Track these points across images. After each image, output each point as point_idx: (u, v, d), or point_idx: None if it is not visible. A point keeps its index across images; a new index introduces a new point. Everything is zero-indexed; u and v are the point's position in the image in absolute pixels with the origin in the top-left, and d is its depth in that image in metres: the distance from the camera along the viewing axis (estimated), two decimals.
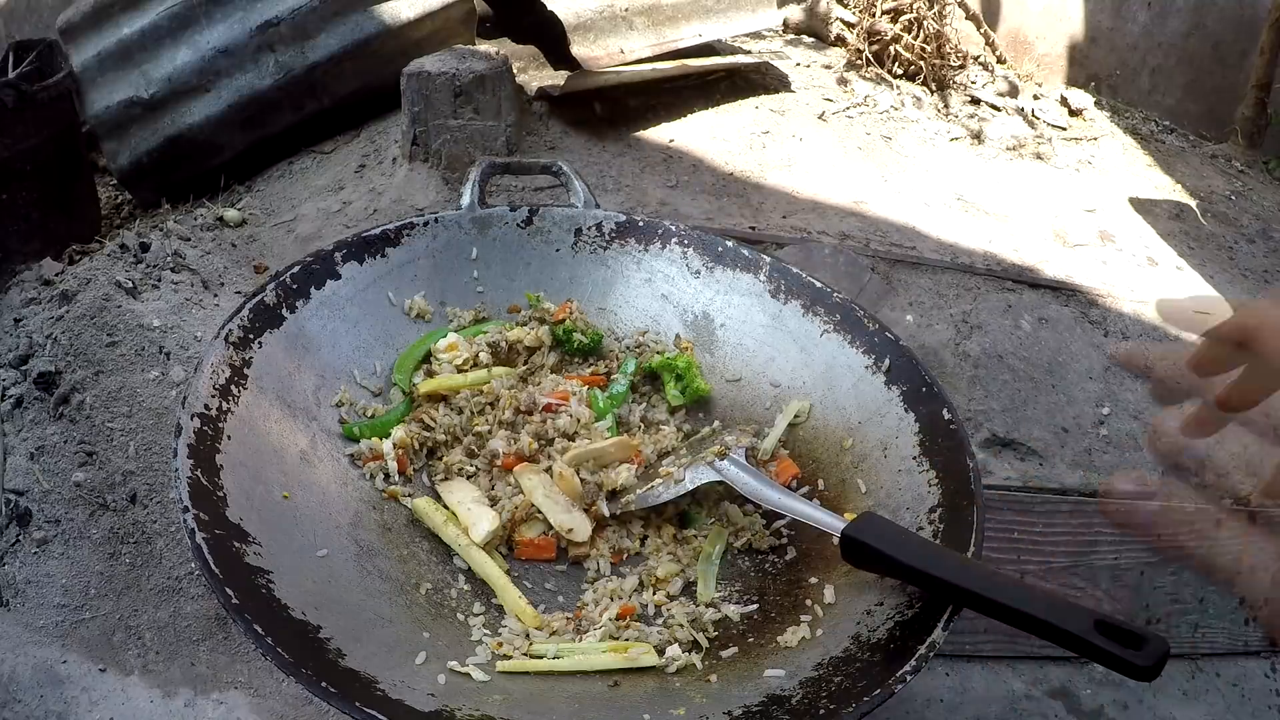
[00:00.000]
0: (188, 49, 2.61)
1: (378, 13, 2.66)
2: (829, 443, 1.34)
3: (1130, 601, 1.93)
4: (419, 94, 2.41)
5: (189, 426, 1.08)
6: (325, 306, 1.34)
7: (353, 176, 2.57)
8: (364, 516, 1.20)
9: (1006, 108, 3.34)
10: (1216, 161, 3.41)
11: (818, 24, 3.58)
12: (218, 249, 2.28)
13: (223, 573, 0.96)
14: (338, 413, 1.30)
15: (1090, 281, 2.51)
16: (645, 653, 1.09)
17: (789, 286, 1.45)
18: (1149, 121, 3.64)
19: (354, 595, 1.08)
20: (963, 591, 0.98)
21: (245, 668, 1.67)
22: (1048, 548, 1.88)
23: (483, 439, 1.34)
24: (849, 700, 0.94)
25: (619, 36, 2.70)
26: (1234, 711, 1.92)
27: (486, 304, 1.50)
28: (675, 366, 1.44)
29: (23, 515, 1.74)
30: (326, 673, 0.92)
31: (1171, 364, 0.75)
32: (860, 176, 2.74)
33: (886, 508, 1.20)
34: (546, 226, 1.52)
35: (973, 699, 1.81)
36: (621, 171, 2.56)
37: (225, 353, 1.19)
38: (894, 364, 1.32)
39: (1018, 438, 2.11)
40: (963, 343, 2.23)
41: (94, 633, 1.67)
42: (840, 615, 1.10)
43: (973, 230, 2.60)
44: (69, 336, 1.88)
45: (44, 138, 2.39)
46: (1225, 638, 2.00)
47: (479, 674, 1.03)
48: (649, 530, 1.29)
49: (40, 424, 1.82)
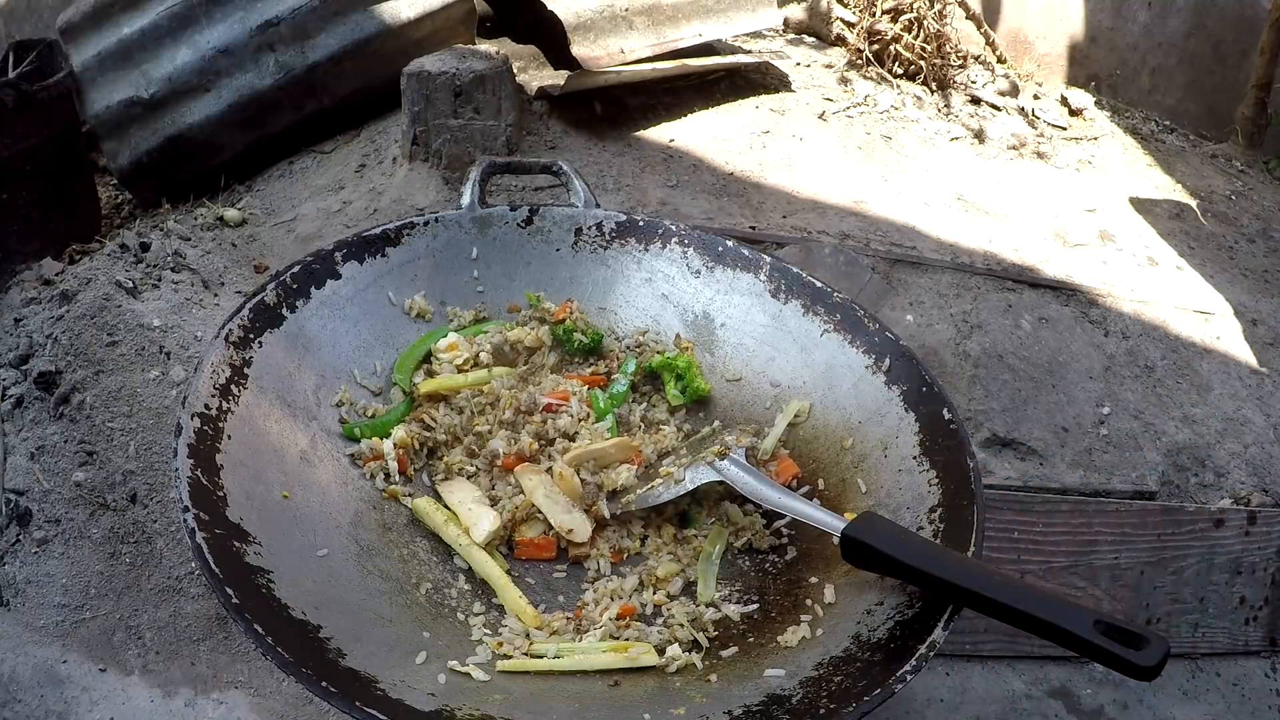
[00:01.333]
0: (188, 49, 2.61)
1: (378, 12, 2.66)
2: (829, 442, 1.34)
3: (1130, 601, 1.93)
4: (419, 94, 2.41)
5: (189, 426, 1.08)
6: (325, 306, 1.35)
7: (353, 176, 2.57)
8: (364, 516, 1.20)
9: (1007, 107, 3.34)
10: (1217, 161, 3.41)
11: (818, 24, 3.58)
12: (218, 249, 2.28)
13: (223, 572, 0.96)
14: (338, 412, 1.30)
15: (1090, 281, 2.51)
16: (645, 652, 1.09)
17: (789, 286, 1.45)
18: (1149, 121, 3.64)
19: (354, 595, 1.08)
20: (963, 591, 0.98)
21: (245, 667, 1.67)
22: (1048, 547, 1.88)
23: (483, 439, 1.34)
24: (849, 700, 0.94)
25: (619, 36, 2.70)
26: (1234, 711, 1.92)
27: (487, 304, 1.50)
28: (675, 366, 1.44)
29: (23, 515, 1.74)
30: (327, 672, 0.92)
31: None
32: (860, 176, 2.74)
33: (887, 507, 1.20)
34: (547, 226, 1.52)
35: (973, 699, 1.81)
36: (622, 171, 2.56)
37: (225, 352, 1.19)
38: (894, 364, 1.32)
39: (1018, 437, 2.12)
40: (963, 342, 2.23)
41: (94, 632, 1.67)
42: (840, 615, 1.11)
43: (973, 230, 2.60)
44: (69, 336, 1.88)
45: (44, 138, 2.39)
46: (1225, 638, 2.00)
47: (479, 673, 1.03)
48: (649, 530, 1.29)
49: (40, 424, 1.82)
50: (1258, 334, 2.53)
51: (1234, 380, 2.38)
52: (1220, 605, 1.99)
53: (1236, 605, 2.00)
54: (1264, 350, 2.50)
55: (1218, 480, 2.16)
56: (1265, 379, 2.41)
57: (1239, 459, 2.21)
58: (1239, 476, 2.18)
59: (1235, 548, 2.00)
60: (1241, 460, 2.21)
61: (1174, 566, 1.95)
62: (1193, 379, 2.35)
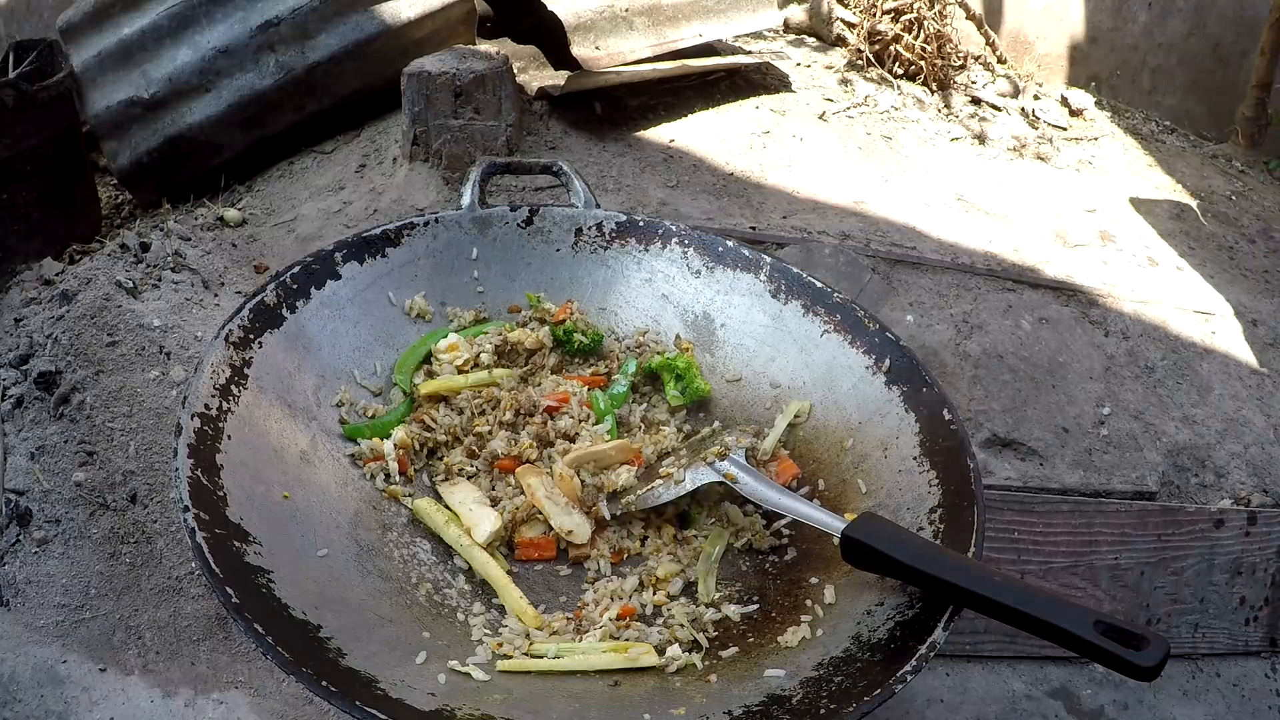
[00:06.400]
0: (188, 49, 2.61)
1: (378, 12, 2.66)
2: (829, 443, 1.34)
3: (1130, 602, 1.93)
4: (419, 94, 2.41)
5: (189, 426, 1.09)
6: (325, 306, 1.35)
7: (353, 176, 2.57)
8: (364, 516, 1.20)
9: (1007, 108, 3.34)
10: (1217, 161, 3.41)
11: (819, 24, 3.58)
12: (218, 249, 2.28)
13: (223, 572, 0.96)
14: (338, 413, 1.30)
15: (1091, 281, 2.51)
16: (645, 652, 1.09)
17: (789, 286, 1.45)
18: (1149, 121, 3.64)
19: (354, 595, 1.08)
20: (963, 592, 0.98)
21: (246, 667, 1.67)
22: (1048, 548, 1.88)
23: (483, 440, 1.34)
24: (849, 700, 0.94)
25: (619, 37, 2.70)
26: (1234, 712, 1.92)
27: (487, 304, 1.50)
28: (675, 367, 1.44)
29: (23, 515, 1.74)
30: (327, 672, 0.92)
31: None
32: (861, 176, 2.74)
33: (887, 508, 1.20)
34: (547, 226, 1.52)
35: (973, 699, 1.81)
36: (622, 171, 2.56)
37: (225, 352, 1.19)
38: (894, 364, 1.32)
39: (1018, 438, 2.12)
40: (963, 343, 2.23)
41: (94, 632, 1.67)
42: (840, 615, 1.11)
43: (973, 230, 2.60)
44: (69, 336, 1.88)
45: (44, 138, 2.39)
46: (1225, 638, 2.00)
47: (479, 673, 1.03)
48: (649, 530, 1.29)
49: (40, 424, 1.82)
50: (1258, 334, 2.53)
51: (1234, 380, 2.38)
52: (1220, 606, 1.99)
53: (1237, 606, 2.01)
54: (1264, 350, 2.50)
55: (1218, 481, 2.16)
56: (1265, 379, 2.41)
57: (1239, 459, 2.21)
58: (1239, 477, 2.18)
59: (1235, 548, 2.00)
60: (1242, 461, 2.21)
61: (1174, 567, 1.95)
62: (1193, 379, 2.35)
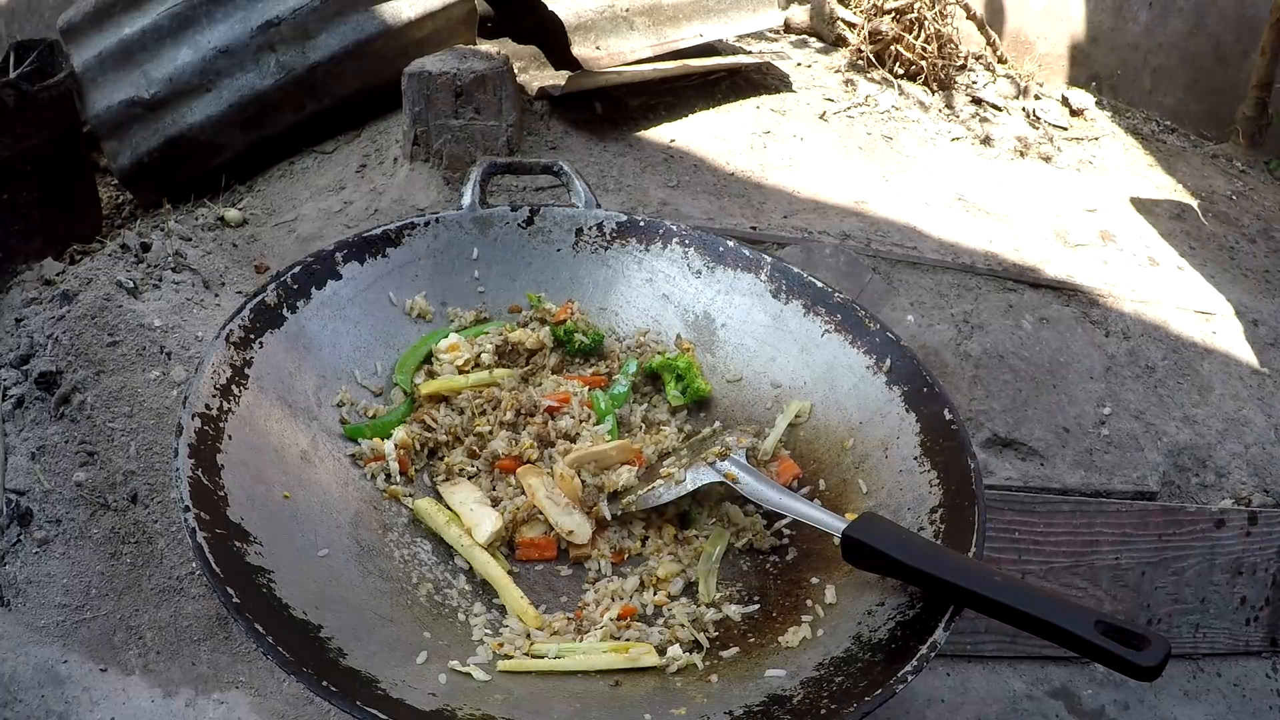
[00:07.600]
0: (189, 49, 2.61)
1: (379, 13, 2.66)
2: (830, 443, 1.34)
3: (1131, 601, 1.93)
4: (420, 94, 2.41)
5: (190, 426, 1.09)
6: (326, 306, 1.35)
7: (354, 176, 2.57)
8: (365, 516, 1.20)
9: (1008, 108, 3.34)
10: (1217, 161, 3.41)
11: (820, 24, 3.58)
12: (219, 249, 2.28)
13: (224, 572, 0.96)
14: (339, 413, 1.30)
15: (1091, 281, 2.51)
16: (646, 653, 1.09)
17: (790, 286, 1.45)
18: (1150, 121, 3.64)
19: (355, 595, 1.08)
20: (964, 592, 0.98)
21: (246, 667, 1.67)
22: (1049, 548, 1.88)
23: (484, 440, 1.34)
24: (850, 700, 0.94)
25: (620, 36, 2.70)
26: (1235, 712, 1.92)
27: (488, 304, 1.50)
28: (676, 367, 1.44)
29: (24, 515, 1.74)
30: (327, 672, 0.92)
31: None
32: (861, 176, 2.74)
33: (887, 508, 1.20)
34: (547, 226, 1.52)
35: (973, 699, 1.81)
36: (622, 171, 2.56)
37: (226, 352, 1.19)
38: (895, 364, 1.32)
39: (1019, 438, 2.11)
40: (964, 343, 2.23)
41: (95, 632, 1.67)
42: (841, 615, 1.10)
43: (974, 230, 2.60)
44: (70, 336, 1.88)
45: (45, 138, 2.39)
46: (1226, 638, 2.00)
47: (480, 674, 1.03)
48: (650, 531, 1.29)
49: (41, 424, 1.82)
50: (1259, 334, 2.53)
51: (1235, 380, 2.38)
52: (1221, 606, 1.99)
53: (1237, 606, 2.00)
54: (1265, 350, 2.49)
55: (1219, 481, 2.16)
56: (1266, 379, 2.41)
57: (1240, 459, 2.21)
58: (1240, 477, 2.18)
59: (1236, 548, 1.99)
60: (1242, 460, 2.20)
61: (1175, 567, 1.95)
62: (1194, 379, 2.35)
